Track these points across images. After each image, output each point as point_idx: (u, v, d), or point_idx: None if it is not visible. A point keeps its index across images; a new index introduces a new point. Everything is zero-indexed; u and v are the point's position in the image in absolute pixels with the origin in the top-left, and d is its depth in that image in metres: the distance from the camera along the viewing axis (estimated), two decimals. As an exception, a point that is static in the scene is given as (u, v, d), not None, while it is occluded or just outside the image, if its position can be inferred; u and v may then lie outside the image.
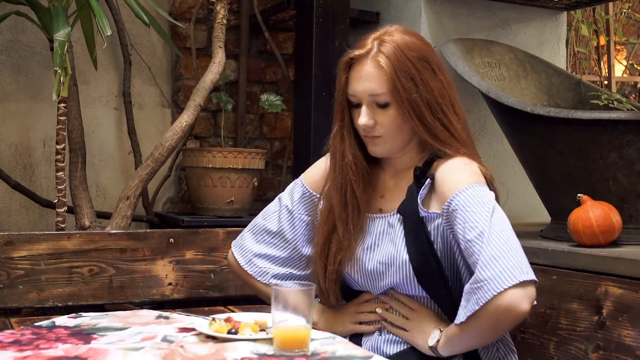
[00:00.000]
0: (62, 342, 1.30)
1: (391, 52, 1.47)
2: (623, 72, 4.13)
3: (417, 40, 1.52)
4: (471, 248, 1.35)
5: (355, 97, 1.51)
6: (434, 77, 1.50)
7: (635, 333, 1.55)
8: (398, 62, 1.46)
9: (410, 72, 1.46)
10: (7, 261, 1.86)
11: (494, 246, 1.32)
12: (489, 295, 1.28)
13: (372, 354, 1.26)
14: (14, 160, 2.69)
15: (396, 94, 1.46)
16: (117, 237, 1.98)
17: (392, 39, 1.49)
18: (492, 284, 1.29)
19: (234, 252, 1.72)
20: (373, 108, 1.49)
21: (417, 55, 1.48)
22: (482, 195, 1.40)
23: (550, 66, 2.61)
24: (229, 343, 1.31)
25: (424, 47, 1.52)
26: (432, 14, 2.57)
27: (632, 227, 1.99)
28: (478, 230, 1.35)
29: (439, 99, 1.49)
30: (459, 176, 1.44)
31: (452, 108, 1.52)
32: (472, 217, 1.37)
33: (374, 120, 1.49)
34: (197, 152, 2.64)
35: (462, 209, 1.39)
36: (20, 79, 2.69)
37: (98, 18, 2.05)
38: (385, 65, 1.46)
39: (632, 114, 1.96)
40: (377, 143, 1.52)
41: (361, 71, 1.49)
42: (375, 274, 1.53)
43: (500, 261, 1.30)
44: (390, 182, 1.59)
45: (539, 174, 2.21)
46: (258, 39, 3.04)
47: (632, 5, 4.07)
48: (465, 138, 1.53)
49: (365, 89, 1.48)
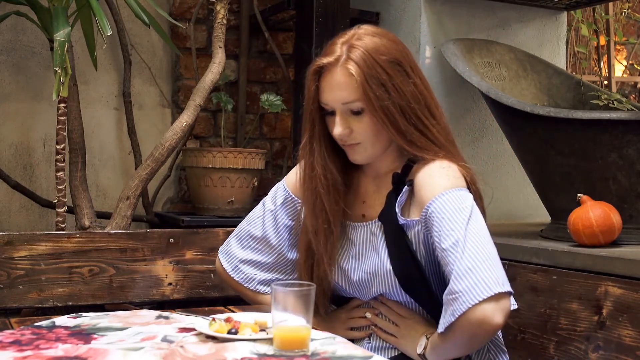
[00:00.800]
0: (62, 342, 1.30)
1: (360, 58, 1.42)
2: (623, 72, 4.13)
3: (388, 41, 1.47)
4: (446, 258, 1.33)
5: (329, 105, 1.47)
6: (407, 81, 1.45)
7: (635, 333, 1.55)
8: (368, 69, 1.42)
9: (381, 77, 1.42)
10: (7, 261, 1.86)
11: (469, 256, 1.31)
12: (463, 308, 1.27)
13: (372, 354, 1.26)
14: (14, 160, 2.69)
15: (368, 101, 1.42)
16: (117, 237, 1.98)
17: (362, 43, 1.44)
18: (465, 296, 1.27)
19: (220, 258, 1.70)
20: (347, 116, 1.46)
21: (387, 59, 1.44)
22: (459, 201, 1.37)
23: (550, 66, 2.61)
24: (229, 343, 1.31)
25: (395, 49, 1.47)
26: (432, 14, 2.57)
27: (632, 227, 1.99)
28: (453, 239, 1.33)
29: (413, 103, 1.45)
30: (436, 180, 1.41)
31: (427, 111, 1.48)
32: (448, 225, 1.34)
33: (350, 129, 1.46)
34: (197, 152, 2.64)
35: (438, 216, 1.36)
36: (20, 79, 2.69)
37: (98, 18, 2.05)
38: (355, 73, 1.41)
39: (632, 114, 1.96)
40: (356, 151, 1.49)
41: (332, 80, 1.45)
42: (362, 283, 1.52)
43: (475, 272, 1.29)
44: (371, 187, 1.57)
45: (539, 174, 2.21)
46: (258, 39, 3.04)
47: (632, 5, 4.07)
48: (443, 140, 1.48)
49: (337, 98, 1.44)
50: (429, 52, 2.54)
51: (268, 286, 1.64)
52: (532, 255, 1.91)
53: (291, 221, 1.62)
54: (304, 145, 1.54)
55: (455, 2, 2.62)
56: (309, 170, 1.53)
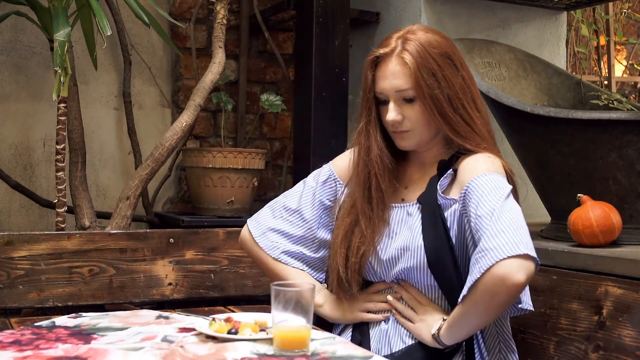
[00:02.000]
0: (62, 342, 1.30)
1: (414, 50, 1.52)
2: (623, 72, 4.13)
3: (440, 37, 1.57)
4: (480, 223, 1.38)
5: (383, 94, 1.55)
6: (456, 73, 1.54)
7: (635, 333, 1.55)
8: (421, 59, 1.51)
9: (432, 68, 1.51)
10: (7, 261, 1.86)
11: (503, 223, 1.36)
12: (490, 262, 1.31)
13: (372, 354, 1.26)
14: (14, 160, 2.69)
15: (419, 89, 1.51)
16: (117, 237, 1.98)
17: (416, 37, 1.54)
18: (493, 252, 1.32)
19: (248, 224, 1.75)
20: (400, 104, 1.54)
21: (438, 52, 1.53)
22: (499, 182, 1.44)
23: (550, 66, 2.61)
24: (229, 343, 1.31)
25: (446, 44, 1.56)
26: (432, 14, 2.57)
27: (632, 227, 1.99)
28: (489, 208, 1.38)
29: (460, 94, 1.54)
30: (479, 165, 1.49)
31: (473, 104, 1.56)
32: (486, 198, 1.40)
33: (402, 116, 1.54)
34: (197, 152, 2.64)
35: (478, 190, 1.43)
36: (20, 79, 2.69)
37: (98, 18, 2.05)
38: (409, 62, 1.51)
39: (632, 114, 1.96)
40: (405, 137, 1.57)
41: (387, 69, 1.54)
42: (391, 261, 1.56)
43: (505, 234, 1.33)
44: (415, 175, 1.63)
45: (539, 174, 2.21)
46: (258, 39, 3.04)
47: (632, 5, 4.07)
48: (485, 134, 1.57)
49: (392, 86, 1.53)
50: (429, 52, 2.54)
51: (290, 257, 1.68)
52: (532, 255, 1.91)
53: (329, 201, 1.69)
54: (360, 130, 1.62)
55: (455, 2, 2.62)
56: (365, 154, 1.60)
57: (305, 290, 1.29)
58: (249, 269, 2.09)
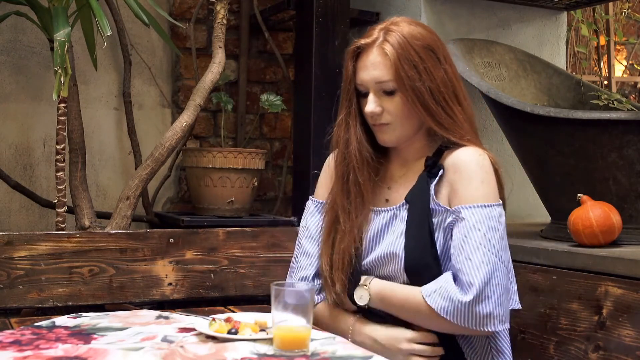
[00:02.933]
0: (62, 342, 1.30)
1: (395, 41, 1.50)
2: (623, 72, 4.13)
3: (423, 30, 1.55)
4: (456, 253, 1.43)
5: (363, 85, 1.54)
6: (438, 66, 1.53)
7: (635, 333, 1.55)
8: (402, 50, 1.50)
9: (414, 60, 1.50)
10: (7, 261, 1.86)
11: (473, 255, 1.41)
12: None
13: (372, 354, 1.26)
14: (14, 160, 2.69)
15: (400, 81, 1.49)
16: (117, 237, 1.98)
17: (398, 28, 1.52)
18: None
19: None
20: (380, 95, 1.53)
21: (421, 44, 1.52)
22: (493, 221, 1.45)
23: (550, 66, 2.61)
24: (229, 343, 1.31)
25: (430, 37, 1.55)
26: (432, 14, 2.57)
27: (632, 227, 1.99)
28: (473, 247, 1.42)
29: (442, 87, 1.52)
30: (474, 184, 1.47)
31: (455, 98, 1.55)
32: (476, 238, 1.42)
33: (381, 107, 1.52)
34: (197, 152, 2.64)
35: (470, 227, 1.43)
36: (20, 79, 2.69)
37: (98, 18, 2.05)
38: (389, 53, 1.50)
39: (632, 114, 1.96)
40: (385, 131, 1.55)
41: (367, 60, 1.53)
42: (372, 267, 1.56)
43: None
44: (398, 173, 1.61)
45: (539, 174, 2.21)
46: (258, 39, 3.04)
47: (632, 5, 4.07)
48: (468, 128, 1.56)
49: (372, 77, 1.52)
50: (429, 52, 2.54)
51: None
52: (532, 255, 1.91)
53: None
54: (339, 123, 1.60)
55: (455, 2, 2.62)
56: (344, 147, 1.59)
57: (305, 291, 1.29)
58: (249, 269, 2.09)
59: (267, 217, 2.75)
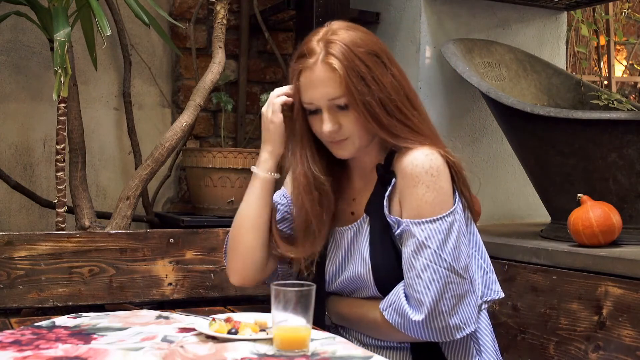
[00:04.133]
0: (62, 342, 1.30)
1: (339, 52, 1.41)
2: (623, 72, 4.13)
3: (363, 34, 1.47)
4: (408, 272, 1.42)
5: (313, 104, 1.45)
6: (385, 72, 1.44)
7: (635, 333, 1.55)
8: (348, 62, 1.41)
9: (361, 71, 1.41)
10: (7, 261, 1.86)
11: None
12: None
13: (372, 354, 1.26)
14: (14, 160, 2.69)
15: (351, 96, 1.41)
16: (117, 237, 1.98)
17: (338, 37, 1.43)
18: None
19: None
20: (334, 112, 1.44)
21: (365, 51, 1.43)
22: (442, 234, 1.40)
23: (550, 66, 2.61)
24: (229, 343, 1.31)
25: (371, 40, 1.46)
26: (432, 14, 2.57)
27: (632, 227, 1.99)
28: (422, 267, 1.40)
29: (393, 94, 1.44)
30: (420, 192, 1.41)
31: (407, 101, 1.47)
32: (426, 255, 1.39)
33: (339, 124, 1.44)
34: (197, 152, 2.64)
35: (420, 244, 1.40)
36: (20, 79, 2.69)
37: (98, 18, 2.05)
38: (337, 67, 1.40)
39: (632, 114, 1.96)
40: (343, 146, 1.48)
41: (313, 77, 1.43)
42: (343, 287, 1.57)
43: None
44: (359, 184, 1.57)
45: (539, 174, 2.21)
46: (258, 39, 3.04)
47: (632, 5, 4.07)
48: (426, 130, 1.48)
49: (322, 95, 1.43)
50: (429, 52, 2.54)
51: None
52: (532, 255, 1.91)
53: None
54: (288, 147, 1.55)
55: (455, 2, 2.62)
56: (292, 172, 1.55)
57: (305, 291, 1.29)
58: (249, 269, 2.09)
59: (267, 217, 2.74)
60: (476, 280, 1.49)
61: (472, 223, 1.52)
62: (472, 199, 1.50)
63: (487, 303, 1.53)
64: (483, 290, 1.51)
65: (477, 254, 1.52)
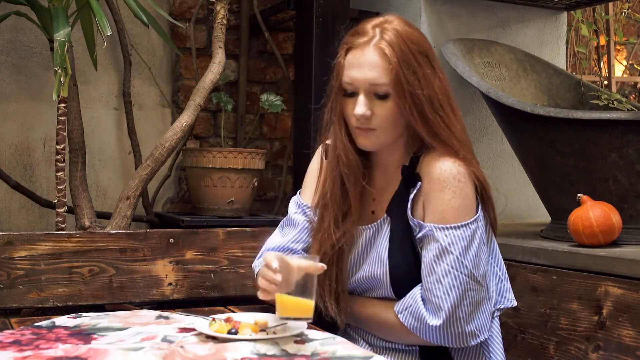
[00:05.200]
0: (62, 342, 1.30)
1: (394, 41, 1.39)
2: (623, 72, 4.13)
3: (418, 33, 1.46)
4: (425, 273, 1.42)
5: (353, 85, 1.42)
6: (434, 73, 1.43)
7: (635, 333, 1.55)
8: (402, 53, 1.39)
9: (412, 64, 1.39)
10: (7, 261, 1.85)
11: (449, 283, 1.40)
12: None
13: (373, 354, 1.26)
14: (14, 160, 2.69)
15: (398, 85, 1.38)
16: (117, 237, 1.98)
17: (394, 27, 1.42)
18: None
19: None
20: (371, 98, 1.41)
21: (418, 49, 1.42)
22: (465, 241, 1.40)
23: (550, 66, 2.61)
24: (229, 343, 1.31)
25: (425, 42, 1.46)
26: (432, 14, 2.57)
27: (632, 227, 1.99)
28: (442, 271, 1.40)
29: (440, 95, 1.42)
30: (447, 196, 1.41)
31: (450, 108, 1.46)
32: (448, 261, 1.39)
33: (371, 111, 1.41)
34: (197, 152, 2.64)
35: (442, 249, 1.40)
36: (20, 79, 2.69)
37: (98, 18, 2.05)
38: (389, 54, 1.38)
39: (632, 114, 1.96)
40: (368, 136, 1.45)
41: (362, 58, 1.40)
42: (358, 286, 1.55)
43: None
44: (379, 183, 1.54)
45: (539, 174, 2.21)
46: (258, 39, 3.04)
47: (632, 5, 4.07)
48: (465, 139, 1.48)
49: (366, 78, 1.40)
50: (429, 52, 2.54)
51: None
52: (532, 255, 1.91)
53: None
54: (326, 122, 1.53)
55: (455, 2, 2.62)
56: (332, 150, 1.51)
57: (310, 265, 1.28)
58: (249, 269, 2.09)
59: (267, 217, 2.75)
60: (491, 287, 1.49)
61: (491, 231, 1.53)
62: (495, 218, 1.52)
63: (500, 311, 1.52)
64: (497, 298, 1.51)
65: (493, 261, 1.53)
